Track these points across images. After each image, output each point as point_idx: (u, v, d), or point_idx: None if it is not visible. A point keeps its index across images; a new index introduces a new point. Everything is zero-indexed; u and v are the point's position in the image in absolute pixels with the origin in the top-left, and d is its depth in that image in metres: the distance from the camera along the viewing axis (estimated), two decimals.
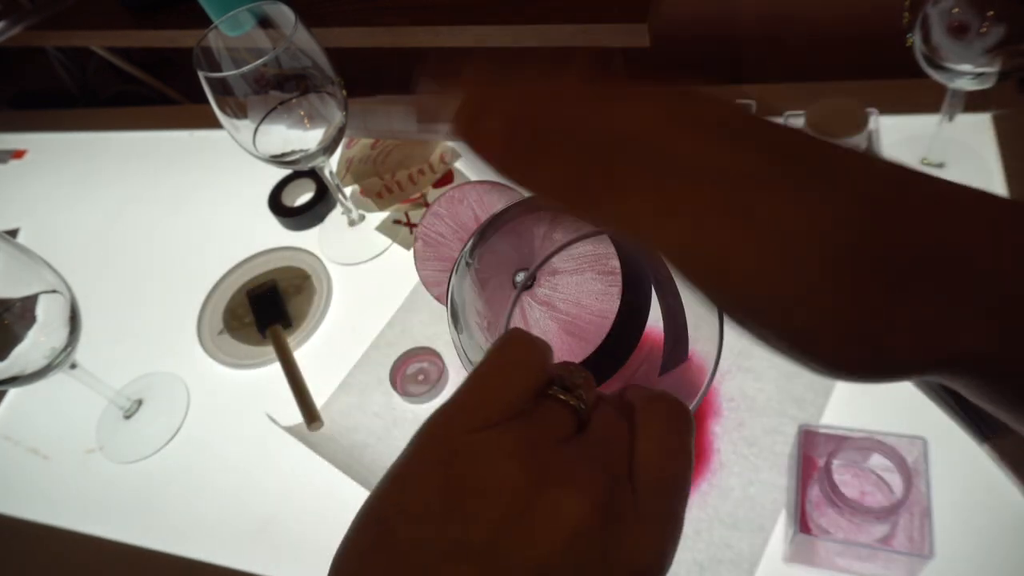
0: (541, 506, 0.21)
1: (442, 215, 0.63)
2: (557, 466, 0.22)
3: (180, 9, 0.98)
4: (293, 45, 0.58)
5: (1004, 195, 0.24)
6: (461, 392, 0.24)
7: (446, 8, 0.83)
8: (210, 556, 0.59)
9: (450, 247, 0.63)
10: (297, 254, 0.77)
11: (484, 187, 0.63)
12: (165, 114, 1.06)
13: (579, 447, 0.23)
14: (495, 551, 0.21)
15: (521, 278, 0.40)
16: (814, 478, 0.45)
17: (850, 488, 0.43)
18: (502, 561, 0.20)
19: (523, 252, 0.40)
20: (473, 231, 0.57)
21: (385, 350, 0.66)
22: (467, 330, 0.38)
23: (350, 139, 0.85)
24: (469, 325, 0.38)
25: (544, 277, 0.40)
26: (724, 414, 0.55)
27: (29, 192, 1.00)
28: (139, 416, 0.69)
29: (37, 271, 0.57)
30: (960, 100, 0.57)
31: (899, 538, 0.42)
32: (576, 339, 0.39)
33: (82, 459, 0.68)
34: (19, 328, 0.56)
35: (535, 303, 0.40)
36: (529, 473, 0.22)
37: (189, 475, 0.65)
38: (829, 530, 0.44)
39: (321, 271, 0.75)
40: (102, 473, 0.67)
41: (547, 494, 0.21)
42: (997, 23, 0.49)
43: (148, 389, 0.71)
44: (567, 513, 0.21)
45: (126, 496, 0.65)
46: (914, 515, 0.42)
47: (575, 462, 0.23)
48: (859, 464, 0.45)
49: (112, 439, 0.69)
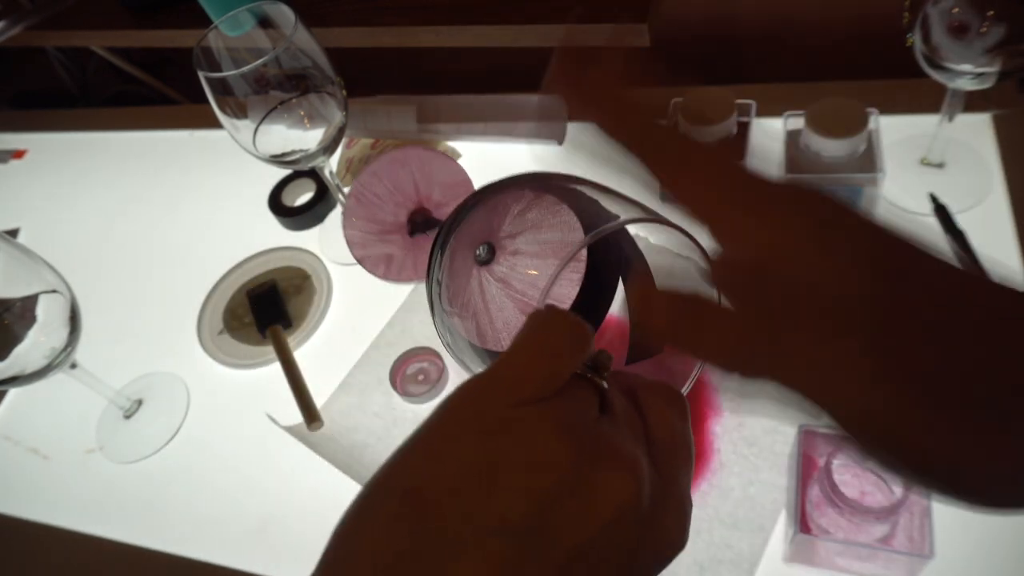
0: (589, 484, 0.21)
1: (381, 176, 0.60)
2: (604, 445, 0.22)
3: (180, 9, 0.98)
4: (293, 45, 0.58)
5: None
6: (501, 364, 0.23)
7: (446, 8, 0.83)
8: (210, 556, 0.59)
9: (383, 210, 0.61)
10: (297, 254, 0.77)
11: (429, 154, 0.61)
12: (165, 114, 1.06)
13: (611, 427, 0.23)
14: (538, 527, 0.20)
15: (482, 252, 0.39)
16: (814, 478, 0.45)
17: (850, 488, 0.43)
18: (545, 538, 0.20)
19: (492, 226, 0.39)
20: (414, 197, 0.55)
21: (385, 350, 0.66)
22: (439, 307, 0.37)
23: (350, 139, 0.85)
24: (440, 301, 0.38)
25: (504, 256, 0.39)
26: (724, 414, 0.55)
27: (29, 192, 1.00)
28: (139, 416, 0.69)
29: (37, 271, 0.57)
30: (960, 100, 0.57)
31: (899, 538, 0.42)
32: None
33: (82, 459, 0.68)
34: (19, 328, 0.56)
35: (492, 279, 0.39)
36: (578, 450, 0.21)
37: (189, 475, 0.65)
38: (829, 530, 0.44)
39: (321, 271, 0.75)
40: (102, 473, 0.67)
41: (595, 472, 0.21)
42: (997, 23, 0.49)
43: (148, 389, 0.71)
44: (615, 492, 0.21)
45: (126, 496, 0.65)
46: (914, 515, 0.42)
47: (618, 441, 0.22)
48: (859, 464, 0.45)
49: (112, 439, 0.69)
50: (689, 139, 0.26)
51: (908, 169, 0.64)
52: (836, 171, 0.58)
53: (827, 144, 0.58)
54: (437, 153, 0.64)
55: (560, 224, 0.36)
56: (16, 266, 0.56)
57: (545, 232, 0.37)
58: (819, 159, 0.59)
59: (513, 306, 0.38)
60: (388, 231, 0.64)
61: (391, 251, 0.64)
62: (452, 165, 0.64)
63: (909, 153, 0.65)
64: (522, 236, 0.38)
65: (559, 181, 0.32)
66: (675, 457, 0.24)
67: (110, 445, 0.68)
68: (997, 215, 0.60)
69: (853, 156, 0.58)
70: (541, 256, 0.38)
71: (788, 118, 0.62)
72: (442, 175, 0.63)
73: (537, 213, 0.37)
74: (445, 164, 0.63)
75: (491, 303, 0.38)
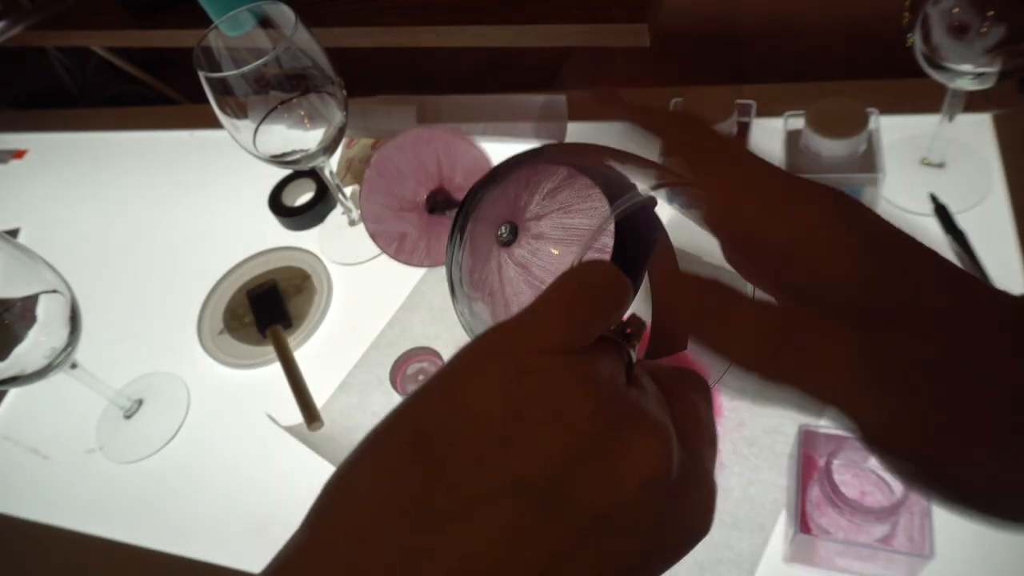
0: (616, 447, 0.19)
1: (405, 150, 0.57)
2: (633, 407, 0.20)
3: (180, 9, 0.98)
4: (293, 45, 0.58)
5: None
6: (530, 309, 0.21)
7: (446, 8, 0.83)
8: (210, 556, 0.59)
9: (403, 185, 0.58)
10: (297, 254, 0.77)
11: (456, 138, 0.59)
12: (165, 114, 1.06)
13: (639, 395, 0.21)
14: (558, 490, 0.18)
15: (504, 233, 0.37)
16: (814, 478, 0.45)
17: (850, 488, 0.43)
18: (564, 501, 0.18)
19: (518, 204, 0.37)
20: (436, 177, 0.51)
21: (385, 350, 0.66)
22: (461, 292, 0.36)
23: (350, 139, 0.85)
24: (462, 283, 0.36)
25: (527, 238, 0.37)
26: (724, 414, 0.55)
27: (29, 192, 1.00)
28: (139, 416, 0.69)
29: (37, 271, 0.57)
30: (960, 100, 0.57)
31: (899, 538, 0.42)
32: None
33: (82, 459, 0.68)
34: (19, 328, 0.56)
35: (511, 262, 0.37)
36: (605, 409, 0.19)
37: (189, 475, 0.65)
38: (829, 530, 0.44)
39: (321, 271, 0.75)
40: (102, 473, 0.67)
41: (623, 435, 0.19)
42: (997, 23, 0.49)
43: (148, 389, 0.71)
44: (642, 459, 0.19)
45: (126, 496, 0.65)
46: (914, 515, 0.42)
47: (647, 407, 0.20)
48: (859, 464, 0.45)
49: (112, 439, 0.69)
50: (713, 132, 0.26)
51: (908, 169, 0.64)
52: (836, 171, 0.58)
53: (827, 144, 0.58)
54: (464, 137, 0.61)
55: (589, 210, 0.34)
56: (16, 266, 0.56)
57: (573, 217, 0.35)
58: (819, 159, 0.59)
59: (531, 293, 0.35)
60: (406, 208, 0.62)
61: (406, 229, 0.62)
62: (477, 152, 0.61)
63: (909, 153, 0.65)
64: (547, 219, 0.36)
65: (593, 153, 0.30)
66: (702, 439, 0.22)
67: (110, 445, 0.68)
68: (997, 215, 0.60)
69: (853, 156, 0.58)
70: (565, 243, 0.36)
71: (788, 118, 0.62)
72: (467, 160, 0.61)
73: (567, 195, 0.35)
74: (470, 149, 0.60)
75: (507, 286, 0.36)
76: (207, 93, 0.59)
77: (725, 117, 0.62)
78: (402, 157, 0.59)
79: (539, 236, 0.37)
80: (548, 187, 0.36)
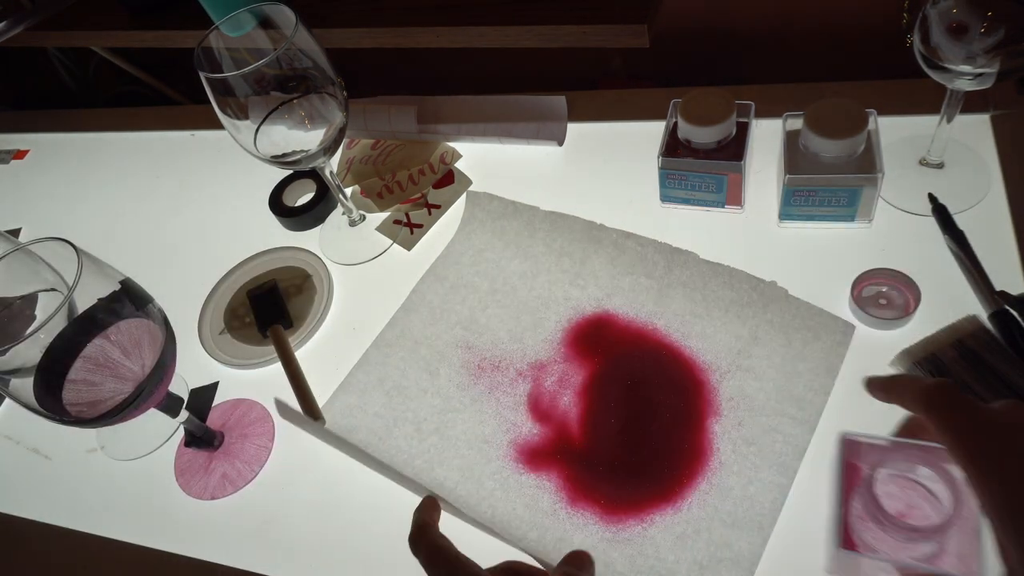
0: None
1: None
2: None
3: (180, 9, 0.98)
4: (294, 46, 0.58)
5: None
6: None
7: (446, 8, 0.83)
8: (210, 556, 0.59)
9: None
10: (298, 254, 0.77)
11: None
12: (166, 114, 1.06)
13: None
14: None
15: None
16: (856, 491, 0.42)
17: (895, 500, 0.40)
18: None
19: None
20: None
21: (385, 350, 0.66)
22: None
23: (351, 139, 0.85)
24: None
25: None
26: (724, 414, 0.55)
27: (30, 192, 1.00)
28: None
29: (37, 270, 0.57)
30: (959, 100, 0.57)
31: (948, 557, 0.39)
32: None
33: (83, 459, 0.69)
34: (19, 327, 0.56)
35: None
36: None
37: None
38: (873, 545, 0.41)
39: (322, 271, 0.75)
40: (103, 473, 0.67)
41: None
42: (997, 23, 0.49)
43: None
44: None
45: (127, 496, 0.65)
46: (965, 533, 0.39)
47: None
48: (907, 475, 0.42)
49: (113, 439, 0.69)
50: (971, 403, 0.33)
51: (907, 169, 0.64)
52: (836, 171, 0.59)
53: (827, 144, 0.58)
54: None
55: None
56: (16, 265, 0.56)
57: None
58: (819, 159, 0.59)
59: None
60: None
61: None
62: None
63: (908, 153, 0.65)
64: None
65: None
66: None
67: (111, 445, 0.68)
68: (996, 215, 0.60)
69: (853, 156, 0.59)
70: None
71: (788, 118, 0.62)
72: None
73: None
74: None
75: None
76: (208, 94, 0.59)
77: (725, 117, 0.62)
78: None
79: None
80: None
